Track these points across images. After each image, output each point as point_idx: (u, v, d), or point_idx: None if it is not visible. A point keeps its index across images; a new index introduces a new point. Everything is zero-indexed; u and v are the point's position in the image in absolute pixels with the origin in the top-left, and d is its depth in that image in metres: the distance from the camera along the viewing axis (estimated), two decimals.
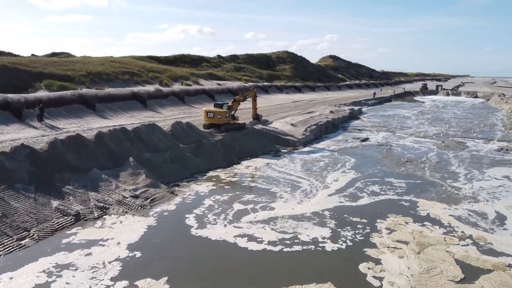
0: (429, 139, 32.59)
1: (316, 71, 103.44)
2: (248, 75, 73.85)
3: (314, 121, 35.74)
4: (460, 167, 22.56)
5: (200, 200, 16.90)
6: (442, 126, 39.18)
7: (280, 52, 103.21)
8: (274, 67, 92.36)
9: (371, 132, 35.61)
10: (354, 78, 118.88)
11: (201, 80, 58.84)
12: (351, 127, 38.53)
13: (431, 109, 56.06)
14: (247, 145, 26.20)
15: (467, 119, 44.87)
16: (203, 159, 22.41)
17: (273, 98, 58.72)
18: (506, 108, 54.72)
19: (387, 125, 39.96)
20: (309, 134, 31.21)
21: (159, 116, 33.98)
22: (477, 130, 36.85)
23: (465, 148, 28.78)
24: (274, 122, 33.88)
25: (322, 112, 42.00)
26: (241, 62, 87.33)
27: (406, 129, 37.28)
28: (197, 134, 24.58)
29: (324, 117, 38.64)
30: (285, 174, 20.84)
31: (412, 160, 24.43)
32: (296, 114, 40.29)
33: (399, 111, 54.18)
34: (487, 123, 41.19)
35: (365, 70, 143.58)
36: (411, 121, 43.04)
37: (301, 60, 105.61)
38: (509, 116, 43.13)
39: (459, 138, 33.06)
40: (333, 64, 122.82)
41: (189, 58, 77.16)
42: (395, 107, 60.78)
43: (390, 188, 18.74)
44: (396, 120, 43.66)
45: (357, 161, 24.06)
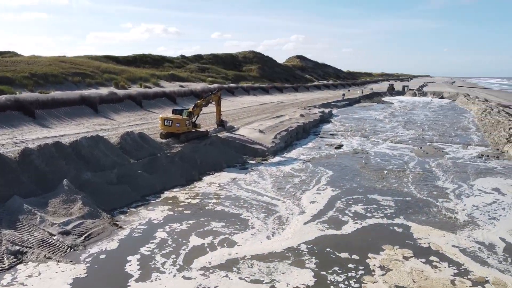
0: (406, 144, 30.67)
1: (284, 72, 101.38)
2: (213, 76, 70.50)
3: (284, 126, 33.07)
4: (446, 180, 20.42)
5: (150, 232, 13.69)
6: (416, 130, 37.58)
7: (246, 52, 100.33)
8: (241, 68, 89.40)
9: (344, 138, 33.37)
10: (322, 79, 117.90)
11: (163, 82, 55.02)
12: (323, 132, 36.19)
13: (401, 111, 54.93)
14: (210, 156, 23.08)
15: (439, 122, 43.71)
16: (158, 176, 19.10)
17: (240, 100, 55.74)
18: (474, 109, 54.38)
19: (360, 129, 37.95)
20: (279, 142, 28.47)
21: (111, 123, 30.20)
22: (452, 134, 35.45)
23: (445, 154, 26.96)
24: (241, 128, 30.90)
25: (292, 116, 39.45)
26: (206, 62, 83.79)
27: (380, 134, 35.35)
28: (151, 146, 21.20)
29: (295, 122, 36.07)
30: (254, 193, 17.90)
31: (393, 171, 22.16)
32: (265, 118, 37.51)
33: (370, 113, 52.64)
34: (460, 126, 40.06)
35: (332, 70, 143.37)
36: (383, 124, 41.31)
37: (268, 60, 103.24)
38: (480, 118, 42.29)
39: (436, 143, 31.37)
40: (300, 64, 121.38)
41: (150, 58, 72.85)
42: (365, 108, 59.36)
43: (376, 208, 16.21)
44: (368, 123, 41.81)
45: (334, 174, 21.50)
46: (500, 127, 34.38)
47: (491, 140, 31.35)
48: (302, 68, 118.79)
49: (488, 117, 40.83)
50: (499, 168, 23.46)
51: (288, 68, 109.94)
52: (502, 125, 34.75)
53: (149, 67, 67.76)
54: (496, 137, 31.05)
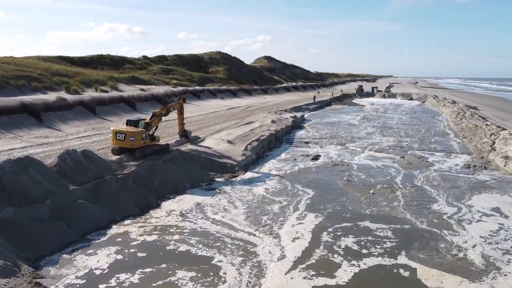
0: (386, 153, 28.48)
1: (252, 73, 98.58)
2: (177, 78, 66.55)
3: (255, 135, 30.11)
4: (441, 200, 18.06)
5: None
6: (394, 136, 35.64)
7: (213, 53, 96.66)
8: (207, 69, 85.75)
9: (320, 146, 30.83)
10: (290, 80, 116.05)
11: (122, 85, 50.70)
12: (297, 140, 33.52)
13: (374, 114, 53.32)
14: (171, 176, 19.75)
15: (415, 126, 42.14)
16: (104, 206, 15.62)
17: (206, 104, 52.29)
18: (446, 111, 53.59)
19: (336, 135, 35.59)
20: (250, 154, 25.47)
21: (56, 136, 26.16)
22: (432, 140, 33.70)
23: (430, 165, 24.87)
24: (207, 139, 27.66)
25: (263, 122, 36.58)
26: (170, 63, 79.58)
27: (357, 141, 33.09)
28: (98, 167, 17.60)
29: (266, 129, 33.20)
30: (225, 226, 14.80)
31: (380, 189, 19.67)
32: (234, 126, 34.40)
33: (343, 116, 50.65)
34: (437, 131, 38.51)
35: (300, 71, 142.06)
36: (359, 130, 39.20)
37: (235, 61, 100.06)
38: (456, 122, 41.07)
39: (417, 151, 29.39)
40: (269, 65, 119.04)
41: (109, 59, 67.92)
42: (337, 111, 57.46)
43: (371, 241, 13.53)
44: (343, 129, 39.60)
45: (315, 194, 18.72)
46: (479, 133, 32.95)
47: (473, 147, 29.72)
48: (271, 69, 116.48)
49: (464, 121, 39.61)
50: (490, 181, 21.51)
51: (256, 69, 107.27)
52: (481, 130, 33.36)
53: (107, 68, 62.99)
54: (479, 144, 29.43)
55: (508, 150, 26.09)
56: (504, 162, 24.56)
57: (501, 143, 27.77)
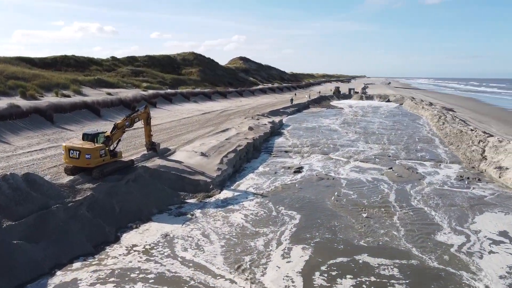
0: (373, 163, 26.54)
1: (227, 74, 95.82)
2: (148, 80, 63.13)
3: (232, 145, 27.58)
4: (443, 225, 16.06)
5: None
6: (378, 143, 33.85)
7: (186, 54, 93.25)
8: (180, 71, 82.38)
9: (301, 156, 28.62)
10: (266, 81, 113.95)
11: (86, 89, 47.09)
12: (276, 149, 31.19)
13: (354, 118, 51.66)
14: (135, 199, 17.00)
15: (398, 131, 40.61)
16: (48, 245, 12.75)
17: (178, 109, 49.28)
18: (426, 114, 52.60)
19: (317, 143, 33.48)
20: (226, 168, 22.92)
21: (3, 150, 22.84)
22: (418, 147, 32.06)
23: (421, 177, 23.06)
24: (178, 151, 24.92)
25: (240, 130, 34.08)
26: (141, 64, 75.83)
27: (341, 149, 31.07)
28: (44, 195, 14.63)
29: (243, 137, 30.72)
30: (197, 268, 12.21)
31: (374, 211, 17.53)
32: (208, 134, 31.74)
33: (322, 121, 48.75)
34: (421, 137, 36.99)
35: (276, 72, 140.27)
36: (340, 136, 37.28)
37: (210, 62, 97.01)
38: (439, 127, 39.80)
39: (404, 160, 27.63)
40: (244, 66, 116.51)
41: (74, 60, 63.70)
42: (316, 115, 55.59)
43: (375, 284, 11.27)
44: (324, 135, 37.59)
45: (301, 218, 16.40)
46: (466, 139, 31.57)
47: (462, 155, 28.20)
48: (246, 70, 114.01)
49: (448, 126, 38.35)
50: (489, 196, 19.80)
51: (231, 70, 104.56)
52: (468, 136, 32.01)
53: (72, 70, 58.93)
54: (468, 152, 27.92)
55: (500, 160, 24.62)
56: (498, 173, 23.02)
57: (492, 152, 26.32)
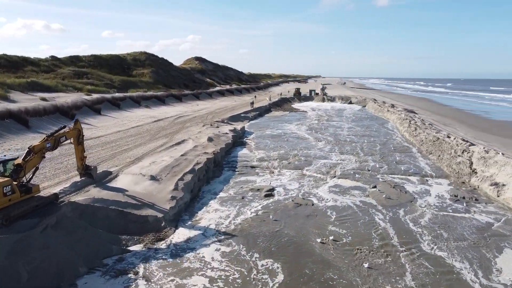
0: (354, 180, 23.12)
1: (182, 75, 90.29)
2: (93, 83, 56.74)
3: (189, 162, 23.13)
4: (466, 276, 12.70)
5: None
6: (352, 153, 30.61)
7: (137, 53, 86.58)
8: (130, 72, 75.92)
9: (271, 173, 24.73)
10: (224, 82, 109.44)
11: (16, 94, 40.52)
12: (241, 163, 27.08)
13: (320, 123, 48.49)
14: (54, 256, 12.22)
15: (369, 138, 37.76)
16: None
17: (127, 116, 43.78)
18: (393, 118, 50.56)
19: (286, 154, 29.73)
20: (182, 195, 18.49)
21: None
22: (396, 158, 29.12)
23: (411, 198, 19.89)
24: (122, 174, 20.11)
25: (198, 141, 29.60)
26: (86, 65, 68.81)
27: (314, 162, 27.49)
28: None
29: (202, 151, 26.32)
30: None
31: (373, 254, 13.86)
32: (160, 148, 27.00)
33: (287, 126, 45.18)
34: (396, 145, 34.18)
35: (233, 73, 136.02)
36: (310, 145, 33.76)
37: (163, 62, 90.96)
38: (411, 133, 37.39)
39: (387, 175, 24.49)
40: (200, 67, 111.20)
41: (5, 59, 55.96)
42: (279, 120, 52.01)
43: None
44: (292, 144, 33.94)
45: (285, 273, 12.39)
46: (446, 148, 29.08)
47: (448, 168, 25.49)
48: (202, 71, 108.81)
49: (421, 132, 35.97)
50: (496, 224, 16.84)
51: (187, 71, 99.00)
52: (447, 145, 29.54)
53: (3, 71, 51.47)
54: (454, 164, 25.24)
55: (494, 174, 22.01)
56: (496, 191, 20.30)
57: (481, 164, 23.75)
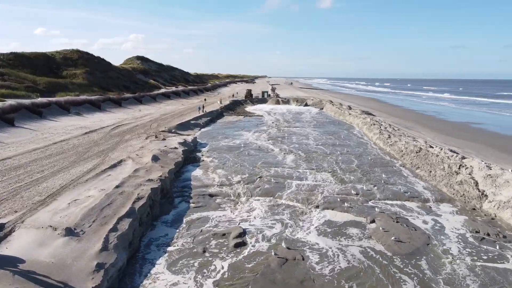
0: (343, 211, 18.20)
1: (122, 77, 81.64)
2: (11, 86, 47.55)
3: (125, 199, 16.87)
4: None
5: None
6: (328, 171, 25.78)
7: (68, 51, 76.53)
8: (60, 72, 66.40)
9: (234, 204, 19.18)
10: (169, 84, 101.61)
11: None
12: (196, 191, 21.20)
13: (280, 130, 43.50)
14: None
15: (341, 148, 33.26)
16: None
17: (51, 128, 35.90)
18: (357, 122, 46.89)
19: (251, 175, 24.25)
20: (113, 261, 12.35)
21: None
22: (382, 175, 24.64)
23: (428, 241, 15.26)
24: (20, 229, 13.46)
25: (139, 162, 23.27)
26: (4, 64, 58.67)
27: (288, 184, 22.27)
28: None
29: (145, 177, 20.10)
30: None
31: None
32: (87, 176, 20.32)
33: (244, 135, 39.71)
34: (375, 158, 29.51)
35: (179, 73, 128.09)
36: (276, 160, 28.52)
37: (100, 62, 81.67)
38: (386, 142, 33.47)
39: (380, 201, 19.89)
40: (142, 67, 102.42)
41: None
42: (234, 126, 46.39)
43: None
44: (255, 159, 28.54)
45: None
46: (434, 161, 25.19)
47: (447, 188, 21.35)
48: (145, 71, 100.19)
49: (397, 141, 32.09)
50: None
51: (128, 72, 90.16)
52: (435, 157, 25.69)
53: None
54: (455, 184, 21.17)
55: (510, 198, 18.11)
56: None
57: (489, 185, 19.85)
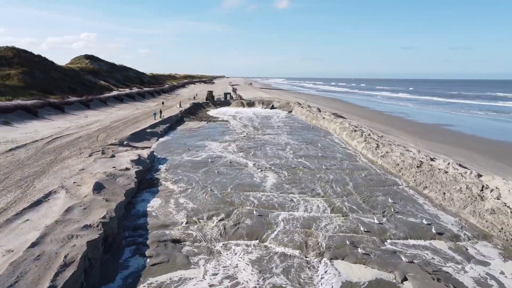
0: (359, 263, 13.43)
1: (68, 78, 73.13)
2: None
3: (42, 268, 11.02)
4: None
5: None
6: (321, 195, 20.98)
7: (1, 49, 67.13)
8: None
9: (210, 253, 13.90)
10: (122, 85, 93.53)
11: None
12: (153, 234, 15.60)
13: (250, 138, 38.39)
14: None
15: (328, 162, 28.54)
16: None
17: None
18: (334, 128, 42.71)
19: (225, 206, 18.97)
20: None
21: None
22: (389, 201, 20.02)
23: None
24: None
25: (76, 195, 17.26)
26: None
27: (274, 219, 17.21)
28: None
29: (80, 222, 14.24)
30: None
31: None
32: None
33: (210, 146, 34.19)
34: (372, 177, 24.71)
35: (134, 74, 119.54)
36: (254, 181, 23.34)
37: (41, 61, 72.66)
38: (374, 153, 29.28)
39: (400, 240, 15.33)
40: (92, 67, 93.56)
41: None
42: (197, 134, 40.68)
43: None
44: (228, 180, 23.26)
45: None
46: (444, 179, 21.12)
47: (475, 218, 17.13)
48: (95, 72, 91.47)
49: (388, 152, 27.99)
50: None
51: (75, 72, 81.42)
52: (443, 174, 21.64)
53: None
54: (488, 214, 16.96)
55: None
56: None
57: None
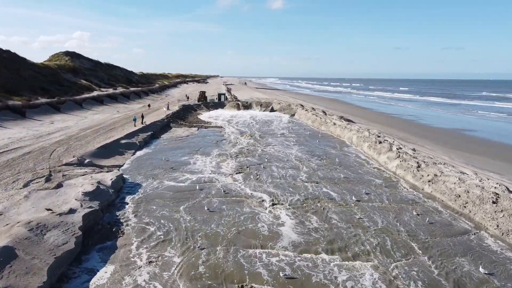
0: None
1: (41, 76, 65.16)
2: None
3: None
4: None
5: None
6: (365, 255, 13.84)
7: None
8: None
9: None
10: (106, 85, 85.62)
11: None
12: None
13: (250, 152, 30.98)
14: None
15: (357, 188, 21.37)
16: None
17: None
18: (349, 136, 35.41)
19: (228, 276, 11.62)
20: None
21: None
22: (472, 267, 13.01)
23: None
24: None
25: None
26: None
27: None
28: None
29: None
30: None
31: None
32: None
33: (200, 162, 26.78)
34: (428, 217, 18.11)
35: (121, 73, 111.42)
36: (261, 226, 16.12)
37: (10, 57, 64.53)
38: (417, 176, 22.02)
39: None
40: (72, 65, 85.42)
41: None
42: (184, 145, 33.17)
43: None
44: (225, 226, 15.97)
45: None
46: None
47: None
48: (76, 70, 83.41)
49: (437, 174, 20.77)
50: None
51: (52, 70, 73.36)
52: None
53: None
54: None
55: None
56: None
57: None
